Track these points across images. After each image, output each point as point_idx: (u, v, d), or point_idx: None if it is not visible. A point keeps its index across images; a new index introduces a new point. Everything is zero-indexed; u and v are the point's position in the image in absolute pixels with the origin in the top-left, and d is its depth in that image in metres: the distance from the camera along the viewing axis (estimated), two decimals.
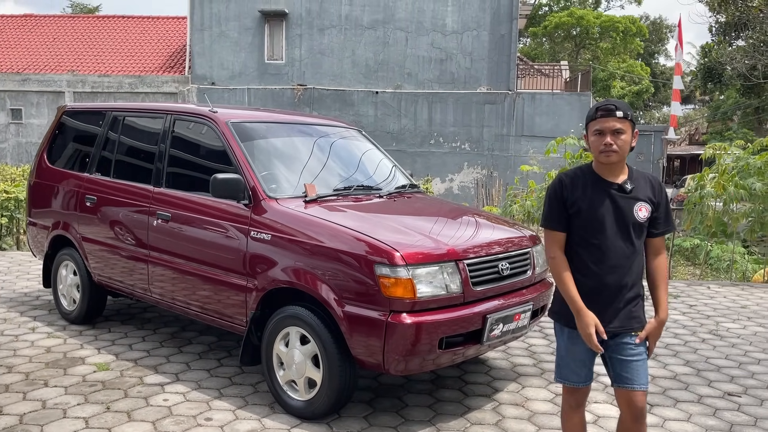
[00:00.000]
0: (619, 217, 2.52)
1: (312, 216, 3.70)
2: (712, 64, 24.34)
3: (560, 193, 2.59)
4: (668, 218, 2.61)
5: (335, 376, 3.42)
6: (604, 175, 2.56)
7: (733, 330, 5.62)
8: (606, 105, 2.51)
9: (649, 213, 2.54)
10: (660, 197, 2.59)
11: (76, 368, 4.27)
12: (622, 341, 2.58)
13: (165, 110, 4.73)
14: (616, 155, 2.48)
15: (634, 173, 2.59)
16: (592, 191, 2.55)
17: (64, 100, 20.17)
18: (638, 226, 2.54)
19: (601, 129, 2.48)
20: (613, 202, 2.53)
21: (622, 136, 2.48)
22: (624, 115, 2.47)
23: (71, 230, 5.15)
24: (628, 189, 2.54)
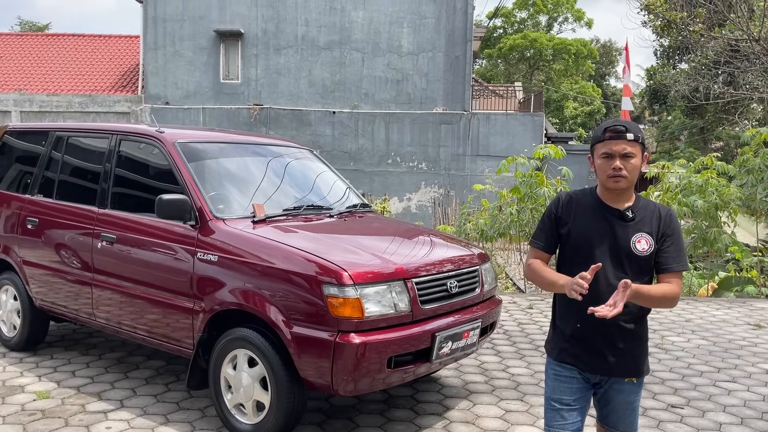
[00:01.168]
0: (614, 246, 2.29)
1: (260, 236, 3.68)
2: (657, 86, 25.27)
3: (554, 211, 2.42)
4: (679, 254, 2.32)
5: (284, 399, 3.38)
6: (608, 200, 2.35)
7: (677, 343, 5.78)
8: (615, 126, 2.28)
9: (650, 246, 2.28)
10: (668, 230, 2.31)
11: (14, 397, 4.11)
12: (614, 386, 2.39)
13: (110, 130, 4.65)
14: (625, 181, 2.26)
15: (640, 202, 2.36)
16: (589, 214, 2.35)
17: (11, 119, 19.58)
18: (636, 260, 2.28)
19: (609, 152, 2.26)
20: (609, 229, 2.31)
21: (632, 161, 2.26)
22: (635, 138, 2.26)
23: (11, 254, 4.98)
24: (629, 217, 2.30)
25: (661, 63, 25.31)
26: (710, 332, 6.18)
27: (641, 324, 2.37)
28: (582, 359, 2.37)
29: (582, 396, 2.40)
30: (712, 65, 16.31)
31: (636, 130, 2.27)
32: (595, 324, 2.23)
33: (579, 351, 2.36)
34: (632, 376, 2.37)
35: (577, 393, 2.39)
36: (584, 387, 2.41)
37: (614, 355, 2.32)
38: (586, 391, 2.41)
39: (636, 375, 2.38)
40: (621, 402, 2.40)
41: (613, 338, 2.31)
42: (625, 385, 2.38)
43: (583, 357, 2.36)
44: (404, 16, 19.84)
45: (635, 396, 2.42)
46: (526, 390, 4.47)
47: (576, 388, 2.39)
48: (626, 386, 2.38)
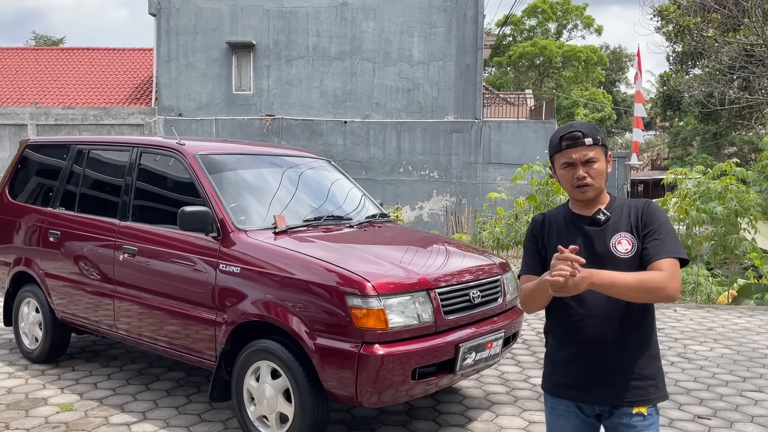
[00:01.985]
0: (594, 254, 2.04)
1: (282, 248, 3.68)
2: (670, 92, 25.15)
3: (532, 234, 2.22)
4: (667, 242, 2.02)
5: (307, 411, 3.37)
6: (580, 210, 2.15)
7: (700, 352, 5.71)
8: (570, 132, 2.07)
9: (632, 245, 2.04)
10: (648, 220, 2.06)
11: (38, 409, 4.12)
12: (621, 421, 2.04)
13: (131, 143, 4.68)
14: (591, 189, 2.07)
15: (615, 202, 2.15)
16: (563, 230, 2.13)
17: (27, 133, 19.80)
18: (623, 263, 2.01)
19: (569, 161, 2.07)
20: (585, 239, 2.08)
21: (595, 165, 2.06)
22: (594, 141, 2.06)
23: (34, 266, 5.02)
24: (601, 220, 2.09)
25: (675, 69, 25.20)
26: (733, 341, 6.10)
27: (645, 336, 2.06)
28: (578, 388, 2.08)
29: (585, 431, 2.12)
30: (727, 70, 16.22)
31: (593, 132, 2.08)
32: (592, 344, 2.02)
33: (574, 379, 2.08)
34: (638, 405, 2.01)
35: (578, 427, 2.11)
36: (586, 422, 2.11)
37: (614, 377, 2.02)
38: (589, 426, 2.12)
39: (642, 403, 2.01)
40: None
41: (612, 357, 2.02)
42: (634, 419, 2.02)
43: (578, 385, 2.07)
44: (414, 25, 19.90)
45: (648, 423, 2.03)
46: None
47: (575, 424, 2.11)
48: (635, 420, 2.02)
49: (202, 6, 19.83)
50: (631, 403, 2.02)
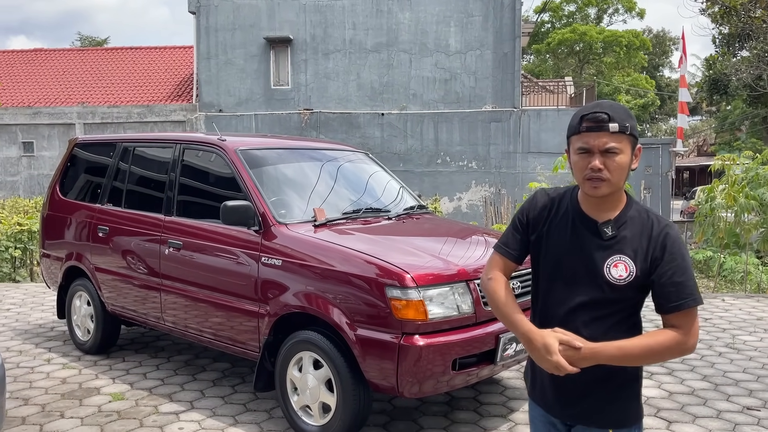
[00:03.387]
0: (587, 268, 1.80)
1: (322, 240, 3.73)
2: (717, 75, 24.36)
3: (528, 213, 1.93)
4: (682, 286, 1.73)
5: (349, 401, 3.41)
6: (588, 208, 1.83)
7: (749, 342, 5.56)
8: (594, 113, 1.73)
9: (629, 273, 1.75)
10: (662, 253, 1.74)
11: (91, 399, 4.28)
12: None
13: (174, 140, 4.80)
14: (606, 185, 1.74)
15: (630, 211, 1.81)
16: (563, 225, 1.86)
17: (75, 131, 20.44)
18: (612, 288, 1.77)
19: (586, 147, 1.74)
20: (581, 248, 1.81)
21: (617, 158, 1.72)
22: (621, 128, 1.72)
23: (84, 261, 5.20)
24: (607, 235, 1.79)
25: (721, 51, 24.40)
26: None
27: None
28: (546, 400, 1.92)
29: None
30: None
31: (623, 117, 1.73)
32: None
33: (546, 393, 1.91)
34: (600, 426, 1.83)
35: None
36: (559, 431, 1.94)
37: (577, 395, 1.84)
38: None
39: (617, 426, 1.83)
40: None
41: (586, 376, 1.76)
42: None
43: (548, 397, 1.90)
44: (451, 15, 19.75)
45: None
46: None
47: (549, 430, 1.96)
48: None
49: (240, 2, 20.08)
50: (596, 423, 1.83)
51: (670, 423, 3.84)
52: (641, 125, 44.63)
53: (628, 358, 1.73)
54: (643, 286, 1.78)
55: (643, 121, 45.16)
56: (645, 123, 47.80)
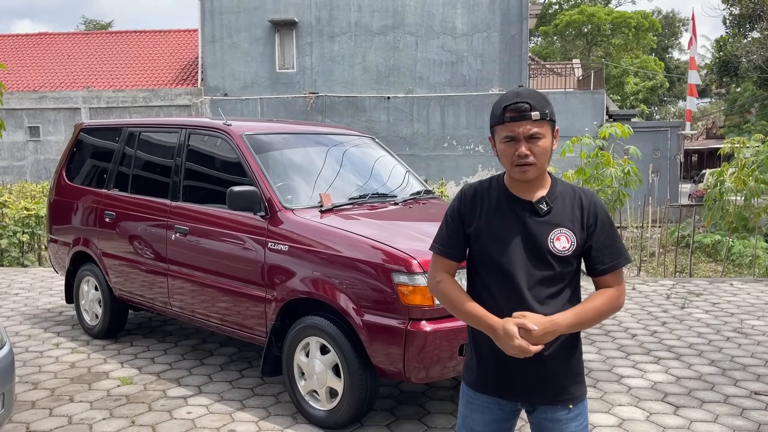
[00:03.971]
0: (531, 247, 1.88)
1: (328, 226, 3.71)
2: (727, 57, 24.06)
3: (459, 209, 1.98)
4: (614, 248, 1.91)
5: (356, 386, 3.42)
6: (517, 191, 1.93)
7: (758, 327, 5.53)
8: (516, 104, 1.84)
9: (571, 244, 1.88)
10: (595, 220, 1.90)
11: (100, 383, 4.31)
12: (545, 416, 1.94)
13: (180, 124, 4.77)
14: (533, 169, 1.86)
15: (557, 187, 1.94)
16: (497, 210, 1.93)
17: (81, 116, 20.44)
18: (558, 260, 1.88)
19: (512, 135, 1.85)
20: (523, 227, 1.90)
21: (540, 143, 1.85)
22: (542, 115, 1.84)
23: (91, 246, 5.21)
24: (543, 210, 1.89)
25: (731, 33, 24.08)
26: None
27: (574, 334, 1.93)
28: (502, 386, 1.95)
29: (500, 428, 2.00)
30: None
31: (542, 104, 1.85)
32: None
33: (499, 376, 1.94)
34: (563, 403, 1.92)
35: (492, 424, 1.99)
36: (502, 418, 2.00)
37: (543, 376, 1.91)
38: (504, 422, 2.00)
39: (570, 401, 1.93)
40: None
41: (542, 356, 1.86)
42: (559, 413, 1.92)
43: (503, 383, 1.94)
44: None
45: (576, 426, 1.94)
46: (599, 376, 4.38)
47: (491, 420, 1.99)
48: (561, 414, 1.93)
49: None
50: (559, 401, 1.92)
51: (678, 408, 3.83)
52: (649, 108, 44.25)
53: (584, 323, 1.87)
54: (581, 255, 1.93)
55: (651, 103, 44.76)
56: (653, 106, 47.39)
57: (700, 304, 6.39)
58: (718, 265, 9.63)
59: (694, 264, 9.15)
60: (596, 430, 3.55)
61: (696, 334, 5.36)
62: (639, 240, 10.51)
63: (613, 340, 5.19)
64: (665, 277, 8.48)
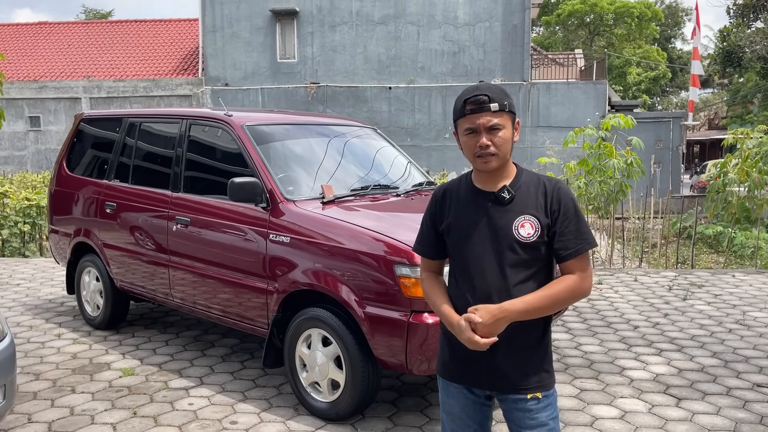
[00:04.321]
0: (495, 236, 1.93)
1: (330, 217, 3.69)
2: (731, 47, 23.91)
3: (432, 209, 2.09)
4: (579, 233, 1.93)
5: (358, 377, 3.42)
6: (482, 184, 1.99)
7: (760, 319, 5.52)
8: (475, 96, 1.91)
9: (535, 230, 1.91)
10: (558, 206, 1.93)
11: (102, 374, 4.31)
12: (515, 406, 1.97)
13: (181, 115, 4.75)
14: (495, 159, 1.92)
15: (522, 177, 1.99)
16: (464, 204, 2.01)
17: (81, 106, 20.39)
18: (524, 248, 1.92)
19: (472, 127, 1.92)
20: (488, 218, 1.95)
21: (501, 133, 1.91)
22: (500, 107, 1.91)
23: (92, 237, 5.20)
24: (506, 199, 1.94)
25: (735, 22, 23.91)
26: None
27: (539, 323, 1.97)
28: (468, 374, 2.01)
29: (476, 411, 2.05)
30: None
31: (501, 96, 1.91)
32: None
33: (465, 365, 2.00)
34: (530, 391, 1.95)
35: (468, 408, 2.05)
36: (477, 402, 2.04)
37: (508, 366, 1.95)
38: (479, 405, 2.05)
39: (538, 389, 1.95)
40: (527, 424, 1.97)
41: (506, 345, 1.92)
42: (529, 404, 1.95)
43: (469, 371, 2.00)
44: None
45: (546, 416, 1.96)
46: (601, 368, 4.37)
47: (466, 404, 2.05)
48: (531, 404, 1.95)
49: None
50: (526, 390, 1.95)
51: (680, 400, 3.83)
52: (651, 98, 44.07)
53: (536, 310, 1.89)
54: (548, 241, 1.95)
55: (653, 94, 44.57)
56: (655, 96, 47.20)
57: (702, 295, 6.38)
58: (720, 256, 9.61)
59: (695, 255, 9.13)
60: (598, 422, 3.55)
61: (698, 325, 5.35)
62: (641, 231, 10.49)
63: (615, 332, 5.18)
64: (667, 268, 8.47)
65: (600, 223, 10.15)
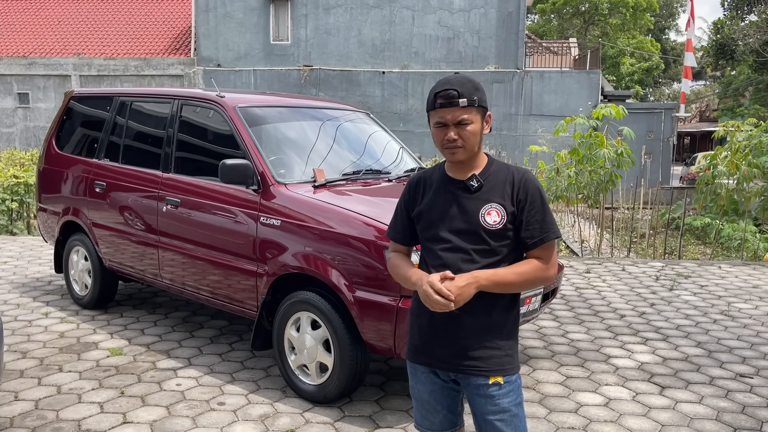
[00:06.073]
0: (464, 223, 1.98)
1: (321, 201, 3.69)
2: (724, 40, 23.95)
3: (406, 196, 2.14)
4: (544, 223, 1.99)
5: (346, 361, 3.43)
6: (453, 173, 2.05)
7: (744, 310, 5.59)
8: (446, 90, 1.94)
9: (501, 218, 1.96)
10: (525, 195, 1.98)
11: (89, 353, 4.31)
12: (479, 392, 1.99)
13: (172, 95, 4.70)
14: (462, 152, 1.97)
15: (492, 167, 2.04)
16: (435, 192, 2.06)
17: (71, 83, 20.16)
18: (490, 234, 1.97)
19: (441, 121, 1.96)
20: (457, 205, 2.00)
21: (469, 128, 1.95)
22: (469, 102, 1.94)
23: (81, 216, 5.17)
24: (474, 187, 2.00)
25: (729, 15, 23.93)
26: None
27: (501, 306, 2.01)
28: (431, 355, 2.05)
29: (444, 396, 2.09)
30: None
31: (471, 92, 1.94)
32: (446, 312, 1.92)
33: (428, 346, 2.05)
34: (494, 375, 1.97)
35: (436, 393, 2.09)
36: (444, 386, 2.08)
37: (467, 347, 1.98)
38: (447, 390, 2.08)
39: (498, 373, 1.98)
40: (489, 410, 1.98)
41: (467, 326, 1.98)
42: (491, 389, 1.98)
43: (431, 352, 2.04)
44: None
45: (509, 402, 1.99)
46: (587, 356, 4.42)
47: (433, 389, 2.08)
48: (492, 390, 1.98)
49: None
50: (487, 372, 1.97)
51: (664, 388, 3.88)
52: (644, 89, 44.12)
53: (505, 283, 1.95)
54: (515, 229, 2.00)
55: (646, 85, 44.64)
56: (648, 87, 47.27)
57: (688, 286, 6.44)
58: (707, 247, 9.70)
59: (683, 246, 9.21)
60: (583, 408, 3.59)
61: (683, 315, 5.41)
62: (630, 221, 10.56)
63: (602, 321, 5.23)
64: (654, 258, 8.54)
65: (589, 212, 10.20)
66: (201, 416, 3.42)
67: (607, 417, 3.49)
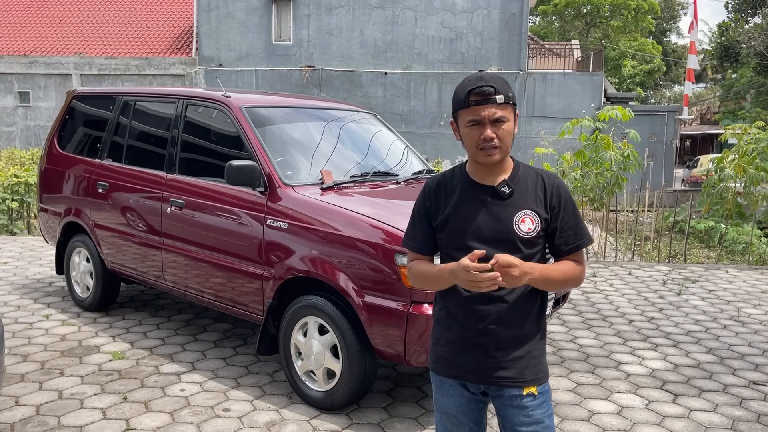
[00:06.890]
0: (496, 231, 1.89)
1: (329, 203, 3.62)
2: (729, 42, 23.87)
3: (425, 203, 2.00)
4: (578, 229, 1.94)
5: (355, 367, 3.36)
6: (479, 177, 1.94)
7: (754, 315, 5.52)
8: (481, 87, 1.84)
9: (535, 225, 1.89)
10: (559, 202, 1.92)
11: (91, 357, 4.23)
12: (513, 402, 1.93)
13: (177, 95, 4.63)
14: (499, 152, 1.86)
15: (519, 171, 1.95)
16: (460, 198, 1.94)
17: (72, 82, 20.08)
18: (523, 242, 1.89)
19: (477, 119, 1.85)
20: (487, 213, 1.90)
21: (505, 126, 1.85)
22: (506, 99, 1.85)
23: (83, 217, 5.09)
24: (506, 193, 1.90)
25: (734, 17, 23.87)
26: None
27: (535, 315, 1.95)
28: (462, 367, 1.95)
29: (471, 409, 2.00)
30: None
31: (506, 88, 1.86)
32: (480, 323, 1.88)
33: (458, 358, 1.95)
34: (529, 386, 1.91)
35: (463, 406, 1.99)
36: (473, 399, 2.00)
37: (502, 358, 1.90)
38: (475, 403, 2.00)
39: (533, 383, 1.92)
40: (521, 422, 1.92)
41: (501, 336, 1.90)
42: (525, 400, 1.91)
43: (463, 365, 1.95)
44: None
45: (542, 413, 1.93)
46: (597, 362, 4.35)
47: (461, 401, 1.99)
48: (526, 401, 1.91)
49: None
50: (522, 383, 1.91)
51: (677, 396, 3.81)
52: (646, 92, 44.07)
53: (551, 280, 1.87)
54: (546, 236, 1.95)
55: (647, 87, 44.59)
56: (649, 89, 47.23)
57: (696, 290, 6.37)
58: (711, 251, 9.62)
59: (688, 249, 9.13)
60: (595, 417, 3.52)
61: (693, 321, 5.34)
62: (633, 224, 10.48)
63: (611, 326, 5.16)
64: (659, 261, 8.47)
65: (593, 215, 10.13)
66: (206, 423, 3.35)
67: (620, 426, 3.42)
